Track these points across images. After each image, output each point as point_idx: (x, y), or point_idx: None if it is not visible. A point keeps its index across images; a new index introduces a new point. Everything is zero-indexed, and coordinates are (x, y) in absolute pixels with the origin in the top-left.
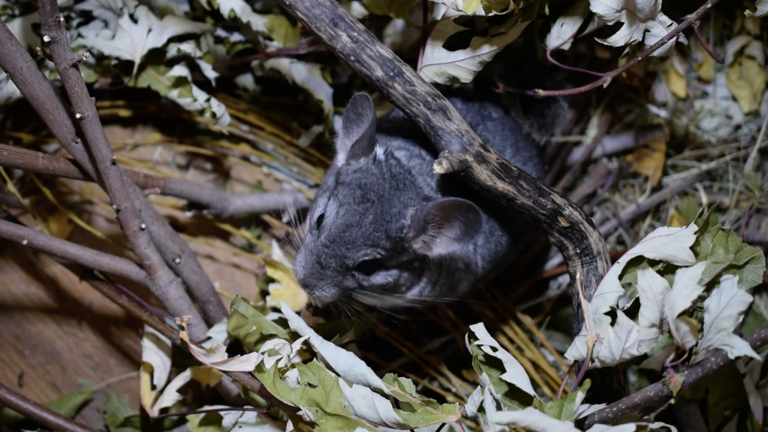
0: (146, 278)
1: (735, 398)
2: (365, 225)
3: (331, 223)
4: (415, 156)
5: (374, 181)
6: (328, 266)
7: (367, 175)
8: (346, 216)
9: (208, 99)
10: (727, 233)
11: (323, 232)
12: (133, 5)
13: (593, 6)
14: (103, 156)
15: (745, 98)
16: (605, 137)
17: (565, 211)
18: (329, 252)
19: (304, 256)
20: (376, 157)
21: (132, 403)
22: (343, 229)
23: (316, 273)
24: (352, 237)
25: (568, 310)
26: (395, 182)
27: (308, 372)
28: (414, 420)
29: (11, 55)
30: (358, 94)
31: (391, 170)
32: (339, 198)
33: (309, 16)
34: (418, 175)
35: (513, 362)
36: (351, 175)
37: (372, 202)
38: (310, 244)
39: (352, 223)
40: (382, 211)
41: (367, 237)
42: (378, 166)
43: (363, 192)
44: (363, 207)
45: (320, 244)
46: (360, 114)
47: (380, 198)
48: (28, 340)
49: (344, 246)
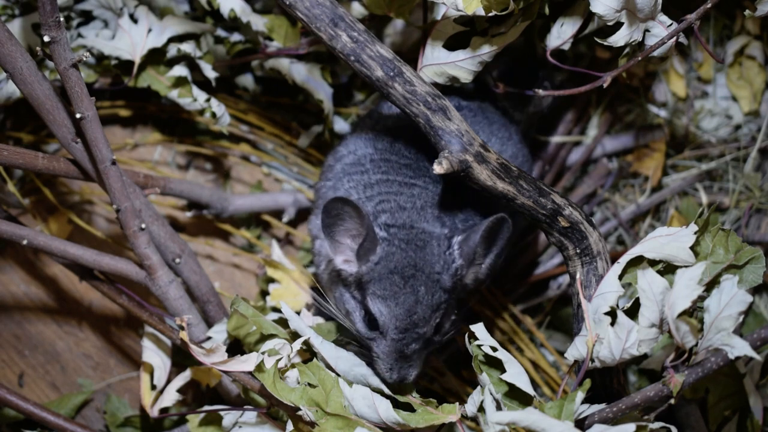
0: (146, 278)
1: (735, 398)
2: (423, 298)
3: (390, 318)
4: (396, 209)
5: (400, 259)
6: (412, 352)
7: (389, 259)
8: (401, 304)
9: (208, 99)
10: (727, 233)
11: (387, 329)
12: (133, 5)
13: (593, 6)
14: (103, 156)
15: (745, 98)
16: (605, 137)
17: (565, 211)
18: (407, 341)
19: (386, 360)
20: (380, 239)
21: (132, 403)
22: (406, 316)
23: (404, 365)
24: (420, 316)
25: (568, 310)
26: (414, 245)
27: (308, 372)
28: (414, 420)
29: (11, 55)
30: (327, 202)
31: (402, 238)
32: (380, 294)
33: (309, 16)
34: (418, 222)
35: (513, 362)
36: (376, 269)
37: (413, 276)
38: (382, 347)
39: (412, 305)
40: (425, 276)
41: (431, 306)
42: (390, 244)
43: (399, 274)
44: (410, 286)
45: (392, 341)
46: (337, 215)
47: (416, 267)
48: (28, 340)
49: (417, 327)
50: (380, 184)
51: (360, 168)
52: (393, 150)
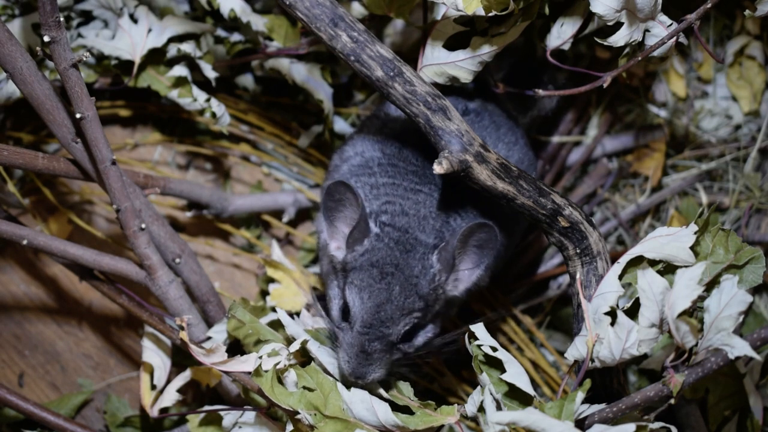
0: (146, 278)
1: (735, 398)
2: (395, 297)
3: (360, 309)
4: (399, 213)
5: (384, 255)
6: (374, 351)
7: (374, 252)
8: (372, 297)
9: (208, 99)
10: (727, 233)
11: (355, 321)
12: (133, 5)
13: (593, 6)
14: (103, 156)
15: (745, 98)
16: (605, 137)
17: (565, 211)
18: (370, 337)
19: (347, 351)
20: (372, 232)
21: (132, 403)
22: (375, 311)
23: (363, 362)
24: (388, 314)
25: (568, 310)
26: (402, 246)
27: (306, 375)
28: (413, 422)
29: (11, 55)
30: (332, 184)
31: (393, 238)
32: (357, 284)
33: (309, 16)
34: (415, 229)
35: (513, 362)
36: (359, 259)
37: (392, 274)
38: (347, 337)
39: (382, 301)
40: (404, 277)
41: (401, 308)
42: (379, 240)
43: (379, 269)
44: (385, 282)
45: (357, 333)
46: (339, 200)
47: (397, 267)
48: (28, 340)
49: (383, 326)
50: (387, 186)
51: (368, 170)
52: (401, 156)
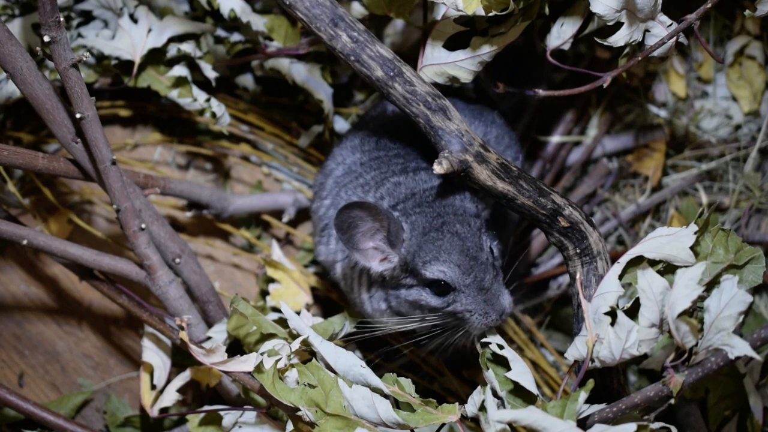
0: (146, 278)
1: (735, 398)
2: (462, 232)
3: (453, 267)
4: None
5: (423, 219)
6: (491, 282)
7: (416, 227)
8: (453, 250)
9: (208, 99)
10: (727, 233)
11: (457, 280)
12: (133, 5)
13: (593, 6)
14: (103, 156)
15: (745, 98)
16: (605, 137)
17: (565, 211)
18: (479, 275)
19: (478, 309)
20: (397, 216)
21: (132, 403)
22: (464, 254)
23: (495, 301)
24: (473, 247)
25: (568, 310)
26: (425, 202)
27: (307, 372)
28: (414, 420)
29: (11, 55)
30: (334, 222)
31: (413, 205)
32: (429, 258)
33: (309, 16)
34: (418, 186)
35: (518, 361)
36: (413, 244)
37: (444, 223)
38: (464, 298)
39: (460, 243)
40: (452, 215)
41: (474, 234)
42: (409, 217)
43: (434, 230)
44: (447, 231)
45: (469, 285)
46: (349, 225)
47: (439, 214)
48: (28, 340)
49: (478, 257)
50: (375, 178)
51: (353, 175)
52: (379, 146)
